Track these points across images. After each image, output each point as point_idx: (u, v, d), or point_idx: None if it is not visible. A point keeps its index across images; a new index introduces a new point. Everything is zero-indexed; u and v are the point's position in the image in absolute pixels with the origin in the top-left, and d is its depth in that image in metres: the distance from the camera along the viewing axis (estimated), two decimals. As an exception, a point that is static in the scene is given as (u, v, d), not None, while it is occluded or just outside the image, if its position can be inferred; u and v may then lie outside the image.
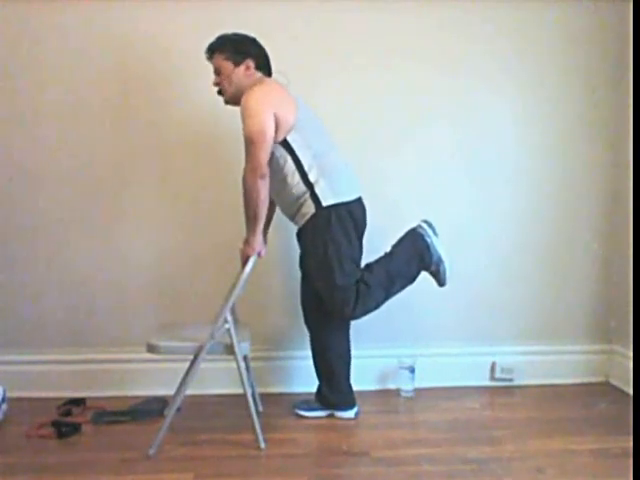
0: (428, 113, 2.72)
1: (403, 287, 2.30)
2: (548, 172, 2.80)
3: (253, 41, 2.22)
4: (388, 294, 2.27)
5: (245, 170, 2.11)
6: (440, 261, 2.26)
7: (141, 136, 2.63)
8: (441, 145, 2.74)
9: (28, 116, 2.58)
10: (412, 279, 2.30)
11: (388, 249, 2.32)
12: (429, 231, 2.28)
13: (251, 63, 2.20)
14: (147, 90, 2.60)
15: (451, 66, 2.70)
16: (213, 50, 2.20)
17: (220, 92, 2.24)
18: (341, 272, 2.20)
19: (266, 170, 2.10)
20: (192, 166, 2.65)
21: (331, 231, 2.18)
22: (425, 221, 2.32)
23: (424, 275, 2.47)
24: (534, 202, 2.81)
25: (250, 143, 2.08)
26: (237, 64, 2.18)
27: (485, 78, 2.72)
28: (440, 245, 2.27)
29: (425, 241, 2.26)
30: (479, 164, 2.76)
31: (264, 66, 2.24)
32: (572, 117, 2.78)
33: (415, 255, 2.26)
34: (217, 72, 2.21)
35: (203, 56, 2.22)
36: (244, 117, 2.10)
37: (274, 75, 2.26)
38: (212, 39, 2.20)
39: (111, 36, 2.57)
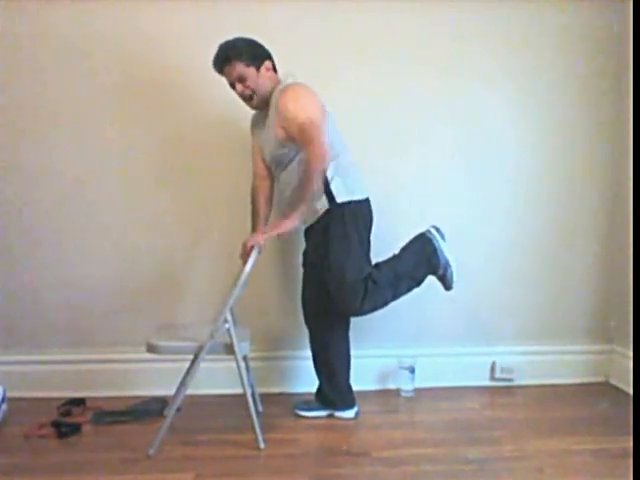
0: (428, 113, 2.72)
1: (410, 289, 2.32)
2: (548, 172, 2.80)
3: (259, 43, 2.23)
4: (395, 294, 2.30)
5: (311, 157, 2.10)
6: (447, 265, 2.30)
7: (141, 137, 2.62)
8: (441, 145, 2.74)
9: (29, 115, 2.58)
10: (419, 282, 2.33)
11: (397, 251, 2.34)
12: (437, 236, 2.32)
13: (269, 64, 2.24)
14: (149, 89, 2.60)
15: (451, 66, 2.70)
16: (230, 59, 2.17)
17: (249, 98, 2.23)
18: (352, 268, 2.22)
19: (330, 151, 2.13)
20: (193, 167, 2.65)
21: (344, 227, 2.21)
22: (434, 226, 2.36)
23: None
24: (534, 202, 2.81)
25: (312, 128, 2.09)
26: (258, 68, 2.20)
27: (485, 78, 2.72)
28: (448, 250, 2.31)
29: (433, 245, 2.30)
30: (479, 164, 2.76)
31: (275, 65, 2.27)
32: (572, 117, 2.78)
33: (423, 258, 2.30)
34: (241, 79, 2.19)
35: (206, 56, 2.20)
36: (294, 111, 2.11)
37: (283, 75, 2.27)
38: (218, 50, 2.17)
39: (112, 36, 2.56)
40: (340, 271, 2.22)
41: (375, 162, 2.67)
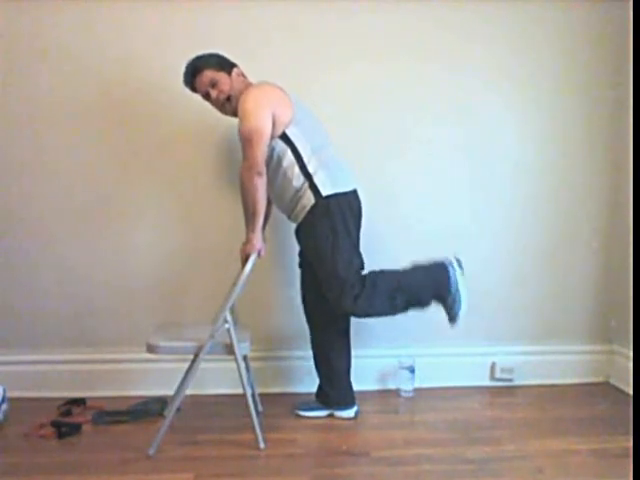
0: (428, 113, 2.71)
1: (408, 307, 2.24)
2: (548, 172, 2.80)
3: (223, 55, 2.26)
4: (392, 306, 2.22)
5: (242, 168, 2.14)
6: (457, 298, 2.21)
7: (141, 137, 2.62)
8: (441, 145, 2.74)
9: (28, 117, 2.58)
10: (421, 304, 2.25)
11: (409, 265, 2.27)
12: (455, 265, 2.24)
13: (239, 71, 2.27)
14: (147, 90, 2.60)
15: (451, 66, 2.69)
16: (199, 68, 2.20)
17: (226, 101, 2.23)
18: (342, 261, 2.19)
19: (262, 168, 2.13)
20: (191, 167, 2.65)
21: (331, 220, 2.19)
22: (456, 257, 2.28)
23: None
24: (534, 202, 2.81)
25: (247, 141, 2.11)
26: (229, 72, 2.23)
27: (485, 78, 2.72)
28: (463, 284, 2.22)
29: (447, 272, 2.22)
30: (479, 164, 2.76)
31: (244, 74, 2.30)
32: (572, 117, 2.78)
33: (432, 281, 2.22)
34: (214, 84, 2.21)
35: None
36: (241, 116, 2.13)
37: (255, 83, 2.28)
38: (185, 68, 2.22)
39: (111, 37, 2.57)
40: (331, 266, 2.20)
41: (375, 161, 2.67)
